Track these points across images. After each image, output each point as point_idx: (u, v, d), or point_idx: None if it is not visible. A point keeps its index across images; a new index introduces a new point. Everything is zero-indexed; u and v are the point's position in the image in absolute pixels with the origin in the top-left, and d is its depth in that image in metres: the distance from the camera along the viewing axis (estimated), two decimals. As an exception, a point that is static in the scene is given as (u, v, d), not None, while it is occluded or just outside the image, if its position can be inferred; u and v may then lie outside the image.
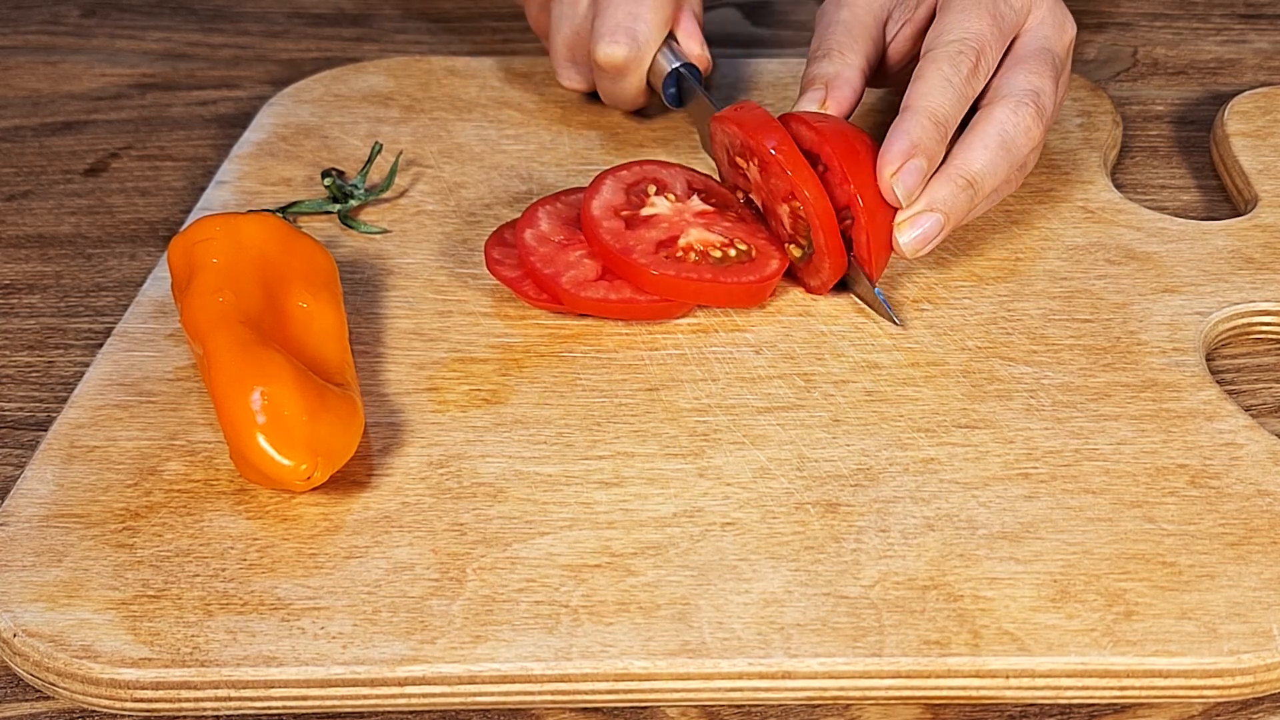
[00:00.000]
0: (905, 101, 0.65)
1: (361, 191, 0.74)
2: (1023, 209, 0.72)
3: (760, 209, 0.68)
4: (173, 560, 0.55)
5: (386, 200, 0.75)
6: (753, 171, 0.67)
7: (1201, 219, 0.72)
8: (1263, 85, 0.82)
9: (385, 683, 0.51)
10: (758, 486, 0.57)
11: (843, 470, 0.58)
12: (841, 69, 0.70)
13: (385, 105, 0.82)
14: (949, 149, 0.66)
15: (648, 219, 0.67)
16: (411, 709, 0.52)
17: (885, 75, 0.75)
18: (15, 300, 0.72)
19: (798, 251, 0.66)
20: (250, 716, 0.53)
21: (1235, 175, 0.75)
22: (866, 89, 0.71)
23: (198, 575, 0.54)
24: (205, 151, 0.83)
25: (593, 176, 0.68)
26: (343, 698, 0.51)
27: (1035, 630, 0.51)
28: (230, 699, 0.51)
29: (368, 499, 0.57)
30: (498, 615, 0.52)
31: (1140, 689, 0.51)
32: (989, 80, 0.68)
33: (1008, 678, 0.51)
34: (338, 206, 0.73)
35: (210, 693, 0.51)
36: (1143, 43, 0.91)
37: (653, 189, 0.68)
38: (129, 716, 0.52)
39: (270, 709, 0.52)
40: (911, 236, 0.64)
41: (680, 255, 0.65)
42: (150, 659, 0.51)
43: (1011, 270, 0.68)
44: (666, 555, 0.54)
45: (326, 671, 0.51)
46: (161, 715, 0.52)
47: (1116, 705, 0.52)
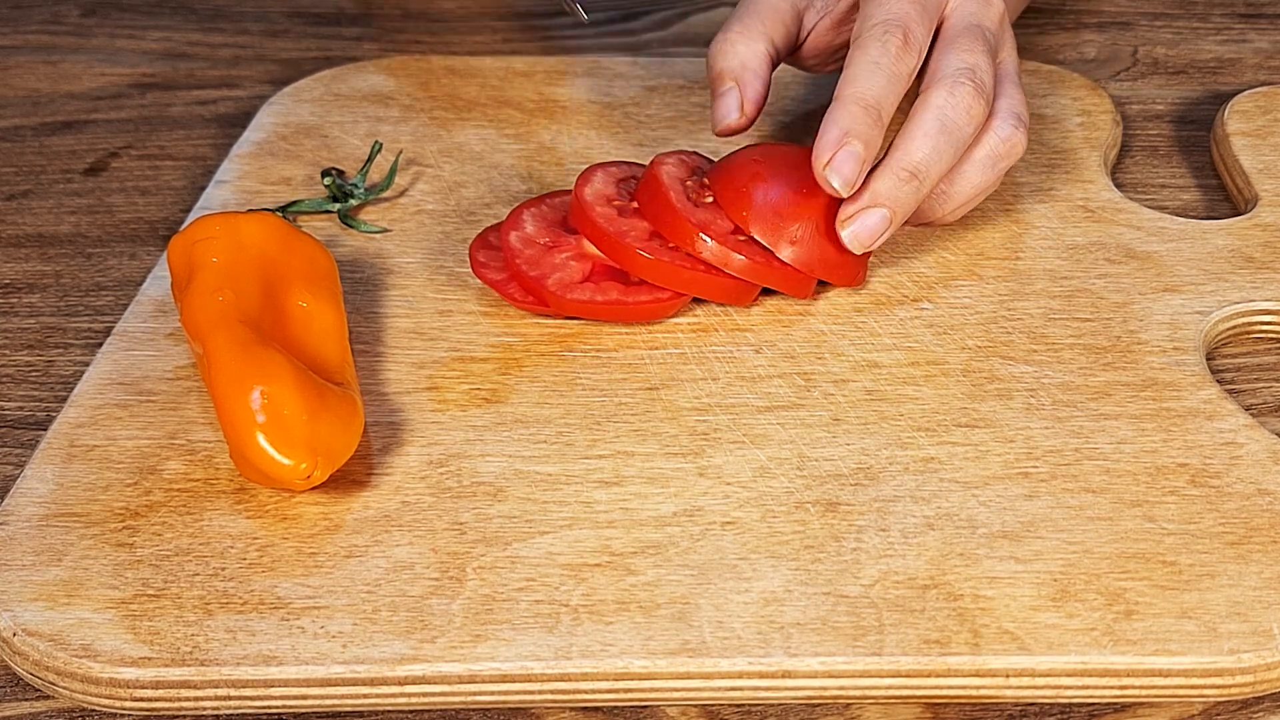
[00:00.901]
0: (835, 92, 0.64)
1: (361, 191, 0.74)
2: (1023, 208, 0.72)
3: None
4: (172, 559, 0.55)
5: (386, 200, 0.75)
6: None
7: (1202, 218, 0.72)
8: (1263, 85, 0.82)
9: (385, 682, 0.51)
10: (758, 486, 0.57)
11: (843, 469, 0.58)
12: (748, 58, 0.71)
13: (385, 105, 0.82)
14: (891, 140, 0.65)
15: (638, 209, 0.67)
16: (411, 708, 0.52)
17: (802, 65, 0.77)
18: (15, 299, 0.72)
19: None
20: (250, 716, 0.53)
21: (1235, 174, 0.75)
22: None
23: (197, 574, 0.54)
24: (205, 151, 0.83)
25: None
26: (343, 697, 0.51)
27: (1035, 629, 0.51)
28: (230, 698, 0.51)
29: (367, 498, 0.57)
30: (498, 614, 0.52)
31: (1140, 688, 0.51)
32: (923, 65, 0.66)
33: (1008, 677, 0.51)
34: (337, 206, 0.73)
35: (210, 692, 0.51)
36: (1143, 42, 0.91)
37: None
38: (129, 716, 0.52)
39: (270, 708, 0.51)
40: (854, 231, 0.64)
41: (674, 245, 0.65)
42: (150, 658, 0.51)
43: (1012, 269, 0.68)
44: (666, 554, 0.54)
45: (326, 671, 0.51)
46: (161, 714, 0.52)
47: (1117, 704, 0.52)
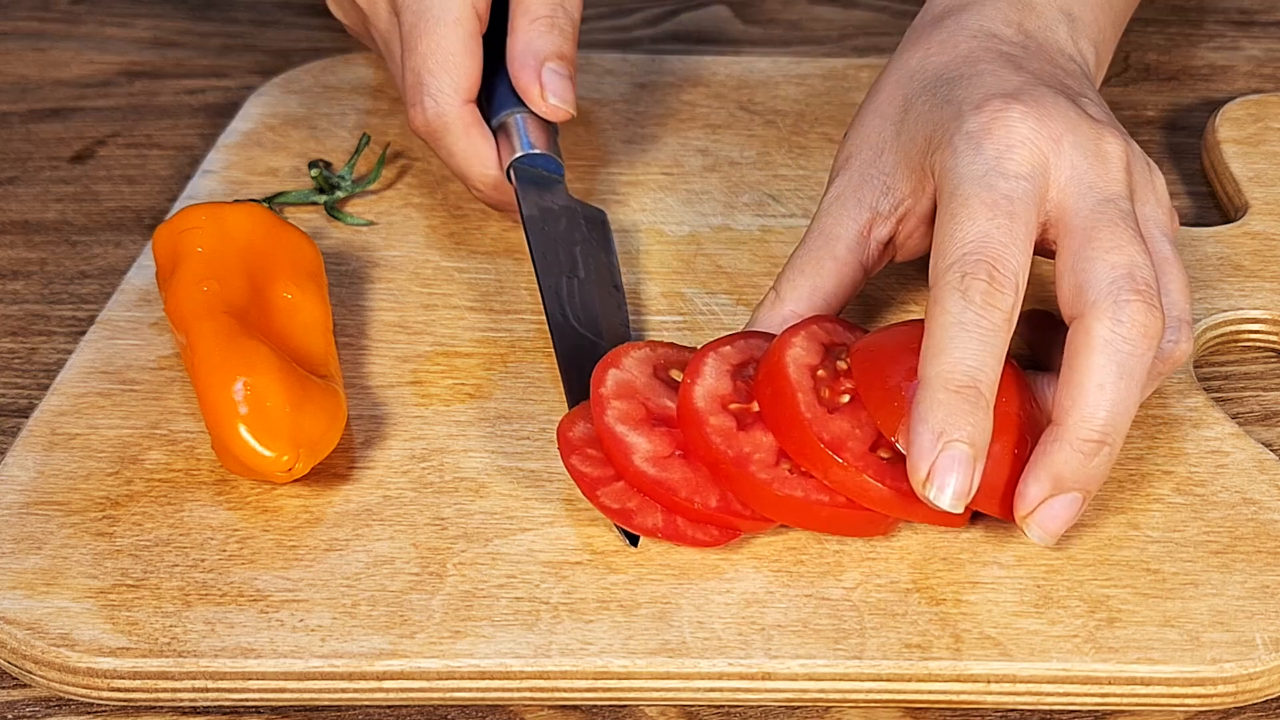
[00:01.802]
0: (919, 370, 0.52)
1: (348, 183, 0.74)
2: (1012, 212, 0.72)
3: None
4: (152, 550, 0.54)
5: (373, 192, 0.74)
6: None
7: (1191, 225, 0.71)
8: (1254, 92, 0.82)
9: (363, 676, 0.50)
10: (741, 486, 0.57)
11: (827, 471, 0.57)
12: (790, 314, 0.59)
13: (374, 97, 0.82)
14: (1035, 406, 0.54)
15: (760, 415, 0.55)
16: (389, 703, 0.52)
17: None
18: (-1, 286, 0.72)
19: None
20: (227, 708, 0.52)
21: (1226, 182, 0.75)
22: None
23: (177, 565, 0.54)
24: (192, 140, 0.83)
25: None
26: (320, 691, 0.51)
27: (1017, 635, 0.51)
28: (208, 690, 0.51)
29: (349, 492, 0.57)
30: (477, 611, 0.52)
31: (1122, 696, 0.51)
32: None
33: (989, 682, 0.50)
34: (324, 198, 0.73)
35: (188, 683, 0.51)
36: (1135, 48, 0.91)
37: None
38: (105, 705, 0.52)
39: (248, 701, 0.51)
40: (1040, 523, 0.52)
41: (804, 470, 0.53)
42: (128, 648, 0.51)
43: (1000, 273, 0.68)
44: (648, 553, 0.54)
45: (304, 664, 0.50)
46: (138, 704, 0.52)
47: (1098, 712, 0.52)
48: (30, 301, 0.71)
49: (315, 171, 0.73)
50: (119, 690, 0.51)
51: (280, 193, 0.74)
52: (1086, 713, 0.52)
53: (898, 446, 0.52)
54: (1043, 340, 0.61)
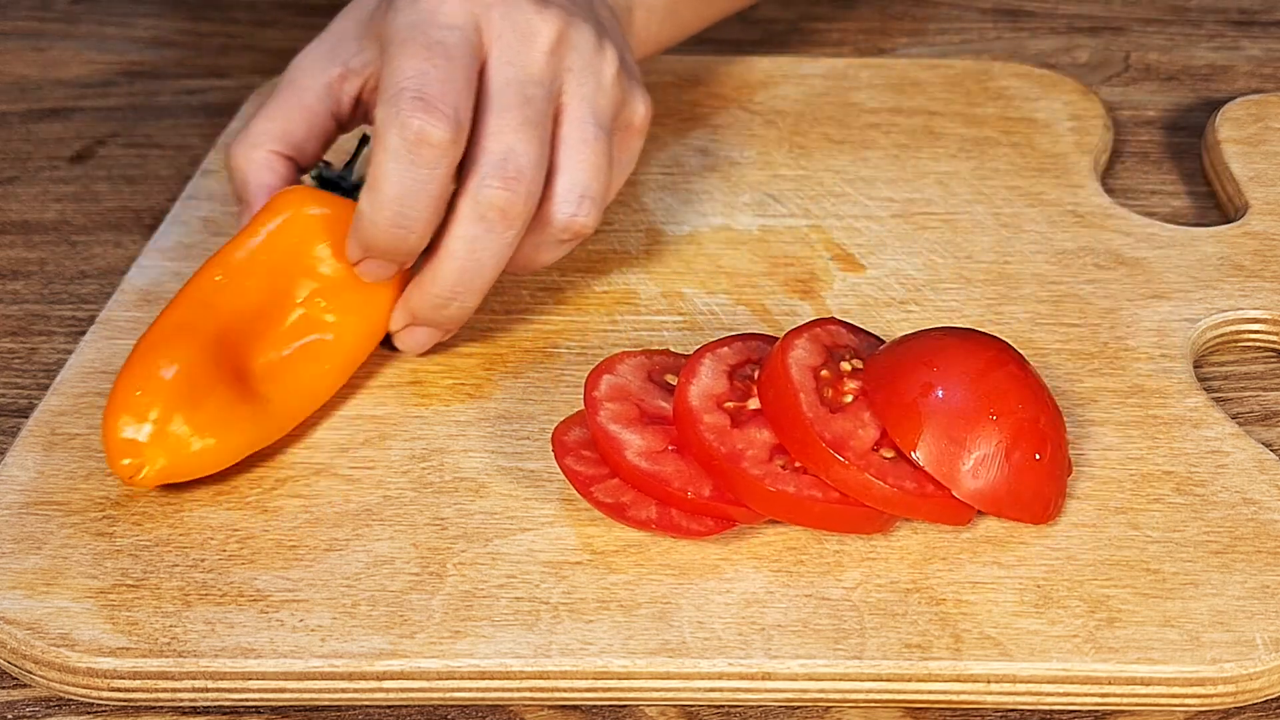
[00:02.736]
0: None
1: (348, 183, 0.73)
2: (1012, 212, 0.72)
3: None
4: (152, 550, 0.54)
5: (374, 192, 0.74)
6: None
7: (1191, 225, 0.72)
8: (1255, 92, 0.82)
9: (363, 676, 0.50)
10: (741, 486, 0.57)
11: (827, 471, 0.57)
12: (251, 173, 0.63)
13: (374, 97, 0.82)
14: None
15: (755, 414, 0.55)
16: (389, 703, 0.52)
17: None
18: (-1, 286, 0.72)
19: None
20: (227, 708, 0.52)
21: (1226, 182, 0.75)
22: None
23: (177, 565, 0.54)
24: (192, 140, 0.83)
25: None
26: (320, 691, 0.51)
27: (1017, 635, 0.51)
28: (208, 690, 0.51)
29: (349, 492, 0.57)
30: (477, 611, 0.52)
31: (1122, 696, 0.51)
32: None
33: (989, 682, 0.50)
34: (324, 197, 0.73)
35: (187, 683, 0.51)
36: (1135, 47, 0.91)
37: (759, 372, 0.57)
38: (105, 705, 0.52)
39: (248, 701, 0.51)
40: (404, 347, 0.62)
41: (800, 466, 0.54)
42: (128, 648, 0.51)
43: (1000, 273, 0.68)
44: (648, 553, 0.54)
45: (304, 664, 0.50)
46: (138, 704, 0.52)
47: (1098, 712, 0.52)
48: (30, 301, 0.71)
49: (315, 171, 0.73)
50: (119, 690, 0.51)
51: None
52: (1086, 713, 0.52)
53: (913, 457, 0.53)
54: None
